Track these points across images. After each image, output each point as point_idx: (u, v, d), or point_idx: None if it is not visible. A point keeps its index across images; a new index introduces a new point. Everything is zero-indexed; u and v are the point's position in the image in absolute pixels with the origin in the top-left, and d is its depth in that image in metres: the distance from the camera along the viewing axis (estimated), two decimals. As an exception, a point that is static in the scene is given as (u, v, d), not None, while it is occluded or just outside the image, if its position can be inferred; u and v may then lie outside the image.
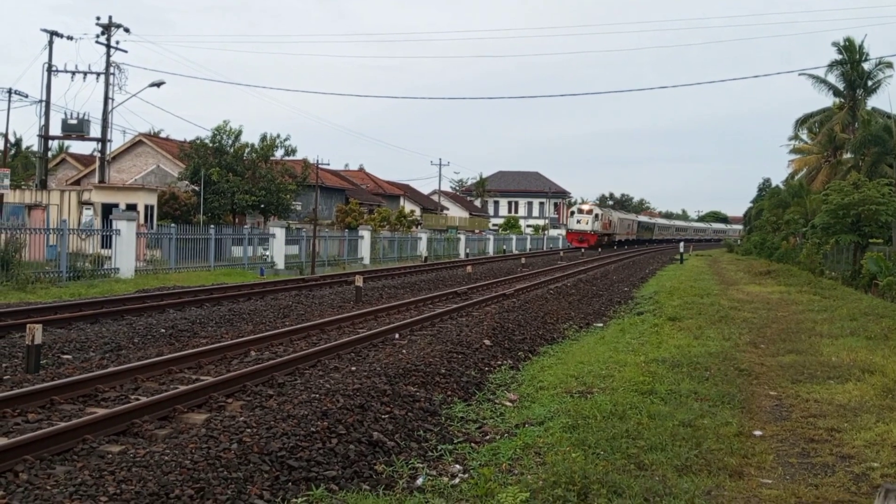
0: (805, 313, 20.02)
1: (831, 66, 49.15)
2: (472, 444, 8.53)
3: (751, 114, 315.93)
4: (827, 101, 53.68)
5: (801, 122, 56.98)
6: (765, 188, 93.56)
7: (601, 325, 18.85)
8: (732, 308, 21.04)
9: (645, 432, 8.31)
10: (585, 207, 76.08)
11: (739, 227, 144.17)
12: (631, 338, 15.65)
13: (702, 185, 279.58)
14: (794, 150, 62.11)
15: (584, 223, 73.35)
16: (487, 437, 8.85)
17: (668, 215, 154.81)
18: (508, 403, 10.46)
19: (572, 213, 78.07)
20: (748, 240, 71.70)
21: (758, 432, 8.74)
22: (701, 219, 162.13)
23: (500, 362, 13.16)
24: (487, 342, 14.31)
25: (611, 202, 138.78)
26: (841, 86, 50.75)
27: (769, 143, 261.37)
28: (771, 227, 56.48)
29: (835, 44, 49.16)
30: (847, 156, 49.41)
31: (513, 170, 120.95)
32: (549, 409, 9.64)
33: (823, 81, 50.63)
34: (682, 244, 59.50)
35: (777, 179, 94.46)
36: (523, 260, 42.72)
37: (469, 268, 33.05)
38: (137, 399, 8.97)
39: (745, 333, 16.14)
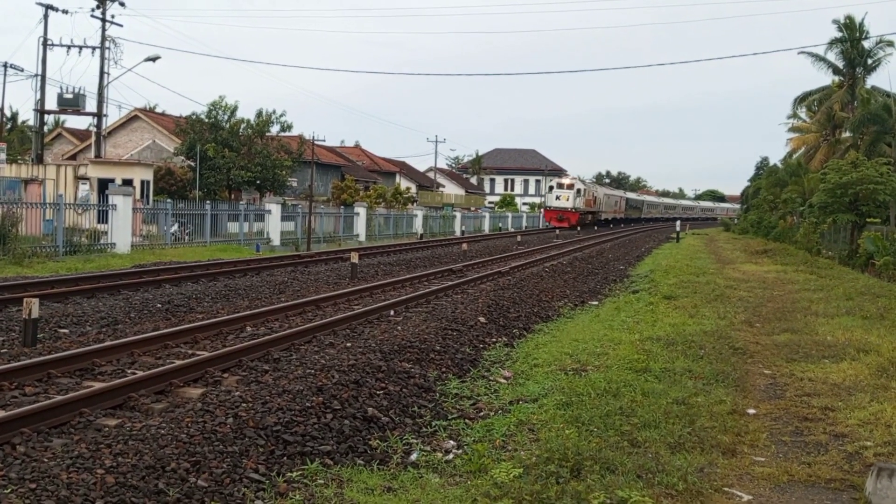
0: (801, 292, 20.08)
1: (831, 43, 48.93)
2: (467, 421, 8.58)
3: (749, 92, 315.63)
4: (826, 79, 53.54)
5: (800, 100, 56.78)
6: (763, 167, 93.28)
7: (596, 303, 18.90)
8: (728, 287, 21.09)
9: (639, 410, 8.36)
10: (566, 181, 67.04)
11: (728, 205, 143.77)
12: (626, 316, 15.69)
13: (699, 164, 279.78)
14: (793, 129, 62.04)
15: (564, 199, 64.43)
16: (481, 414, 8.90)
17: (665, 194, 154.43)
18: (503, 380, 10.51)
19: (550, 187, 67.96)
20: (745, 218, 71.70)
21: (751, 410, 8.79)
22: (698, 197, 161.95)
23: (494, 339, 13.20)
24: (482, 319, 14.34)
25: (607, 180, 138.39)
26: (840, 64, 50.54)
27: (768, 122, 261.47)
28: (768, 205, 56.49)
29: (835, 21, 48.92)
30: (846, 134, 49.38)
31: (509, 147, 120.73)
32: (544, 387, 9.69)
33: (823, 59, 50.46)
34: (678, 223, 59.37)
35: (775, 158, 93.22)
36: (519, 238, 42.74)
37: (465, 245, 33.06)
38: (134, 373, 9.01)
39: (740, 312, 16.19)
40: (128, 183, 32.14)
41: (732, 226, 77.83)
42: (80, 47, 39.78)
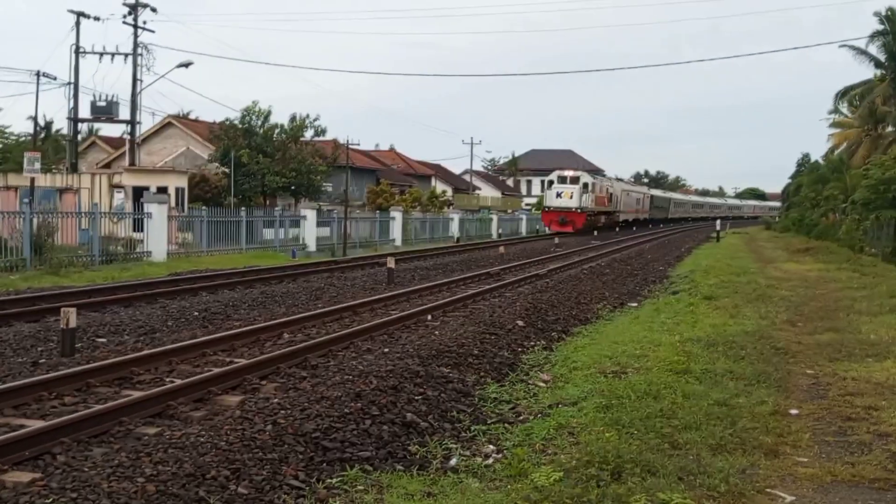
0: (844, 291, 19.75)
1: (872, 36, 47.83)
2: (506, 425, 8.51)
3: (790, 87, 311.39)
4: (868, 73, 52.41)
5: (841, 95, 55.78)
6: (804, 164, 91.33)
7: (635, 304, 18.72)
8: (769, 286, 20.80)
9: (679, 412, 8.24)
10: (568, 173, 55.47)
11: (755, 202, 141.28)
12: (666, 317, 15.52)
13: (740, 162, 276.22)
14: (834, 124, 61.16)
15: (567, 197, 52.76)
16: (521, 418, 8.83)
17: (705, 193, 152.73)
18: (542, 384, 10.43)
19: (550, 182, 55.80)
20: (786, 216, 70.76)
21: (794, 411, 8.63)
22: (738, 196, 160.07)
23: (533, 343, 13.10)
24: (520, 323, 14.26)
25: (645, 180, 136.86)
26: (882, 57, 49.41)
27: (808, 118, 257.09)
28: (810, 203, 55.70)
29: (876, 13, 47.74)
30: (889, 129, 48.50)
31: (545, 148, 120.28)
32: (583, 390, 9.59)
33: (864, 53, 49.46)
34: (718, 222, 58.61)
35: (816, 154, 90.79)
36: (556, 240, 42.54)
37: (502, 248, 32.97)
38: (172, 381, 9.06)
39: (782, 312, 15.94)
40: (162, 191, 32.49)
41: (773, 224, 76.73)
42: (113, 54, 40.15)
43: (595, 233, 53.78)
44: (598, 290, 20.45)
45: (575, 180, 54.71)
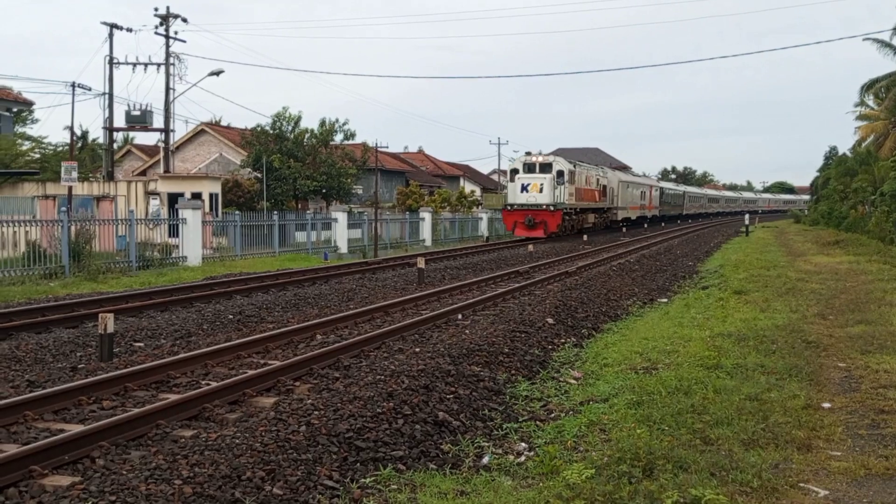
0: (875, 283, 19.52)
1: (896, 29, 47.39)
2: (537, 423, 8.55)
3: (815, 81, 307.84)
4: (893, 65, 51.95)
5: (867, 87, 55.11)
6: (831, 157, 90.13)
7: (665, 300, 18.66)
8: (800, 279, 20.62)
9: (711, 407, 8.24)
10: (537, 159, 42.46)
11: (769, 195, 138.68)
12: (696, 312, 15.47)
13: (767, 156, 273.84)
14: (861, 117, 60.32)
15: (535, 190, 40.91)
16: (552, 415, 8.87)
17: (732, 187, 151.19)
18: (573, 381, 10.46)
19: (513, 172, 43.06)
20: (815, 209, 69.89)
21: (826, 404, 8.58)
22: (766, 190, 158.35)
23: (563, 340, 13.13)
24: (550, 320, 14.28)
25: (673, 176, 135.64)
26: (906, 49, 48.94)
27: (835, 111, 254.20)
28: (838, 195, 55.06)
29: (898, 7, 47.33)
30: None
31: (572, 147, 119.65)
32: (614, 386, 9.61)
33: (888, 45, 48.87)
34: (746, 216, 57.87)
35: (844, 147, 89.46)
36: (585, 237, 42.40)
37: (530, 246, 32.96)
38: (208, 384, 9.19)
39: (812, 305, 15.81)
40: (197, 196, 32.84)
41: (802, 217, 75.77)
42: (146, 64, 40.73)
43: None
44: (628, 286, 20.40)
45: (546, 167, 41.57)
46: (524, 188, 41.20)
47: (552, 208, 40.57)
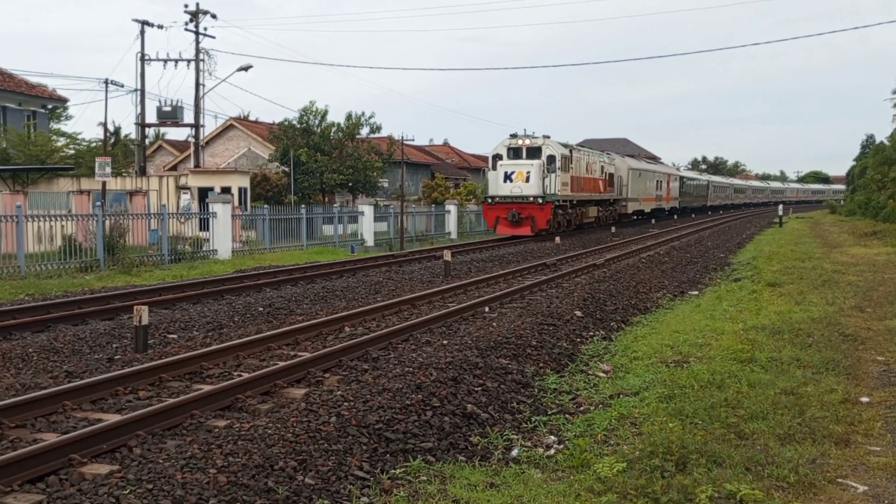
0: (913, 275, 19.24)
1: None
2: (567, 416, 8.52)
3: (852, 67, 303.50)
4: (934, 50, 50.90)
5: (907, 73, 54.11)
6: (868, 145, 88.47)
7: (696, 292, 18.51)
8: (836, 271, 20.36)
9: (745, 401, 8.16)
10: (525, 142, 35.82)
11: (798, 185, 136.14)
12: (728, 305, 15.32)
13: (802, 145, 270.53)
14: (900, 104, 59.21)
15: (521, 179, 34.84)
16: (581, 409, 8.83)
17: (766, 177, 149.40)
18: (602, 374, 10.41)
19: (495, 157, 36.22)
20: (851, 199, 68.83)
21: (865, 399, 8.47)
22: (800, 179, 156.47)
23: (592, 333, 13.07)
24: (578, 313, 14.22)
25: (703, 166, 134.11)
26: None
27: (873, 98, 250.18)
28: (876, 185, 54.15)
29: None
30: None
31: (599, 137, 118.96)
32: (644, 380, 9.55)
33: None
34: (780, 207, 56.95)
35: (882, 135, 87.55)
36: (613, 229, 42.15)
37: (558, 239, 32.81)
38: (240, 375, 9.25)
39: (849, 297, 15.60)
40: (226, 191, 33.10)
41: (838, 208, 74.51)
42: (176, 61, 41.09)
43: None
44: (658, 278, 20.26)
45: (534, 152, 35.21)
46: (507, 177, 34.98)
47: (541, 200, 34.31)
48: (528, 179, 34.59)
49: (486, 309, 14.39)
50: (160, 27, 41.20)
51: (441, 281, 19.44)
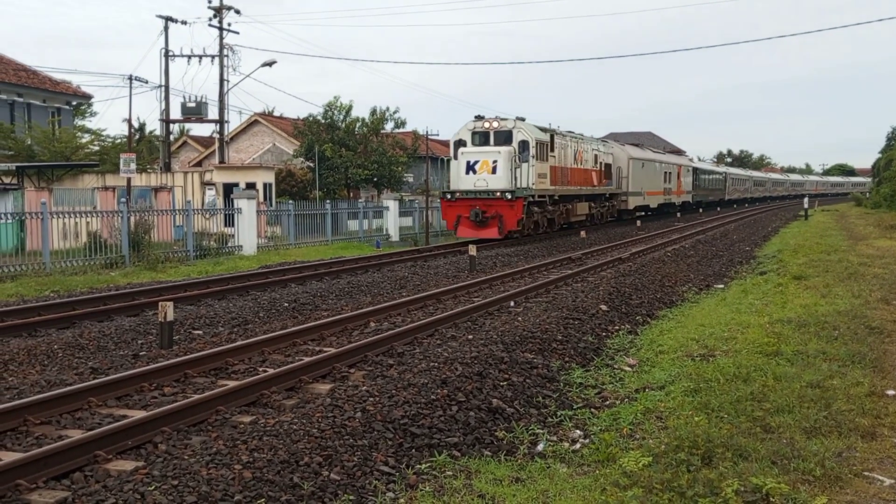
0: (942, 267, 18.98)
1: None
2: (592, 410, 8.51)
3: (880, 59, 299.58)
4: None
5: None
6: (894, 137, 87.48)
7: (722, 286, 18.40)
8: (862, 264, 20.13)
9: (771, 394, 8.10)
10: (492, 125, 30.27)
11: (816, 178, 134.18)
12: (754, 298, 15.22)
13: (828, 138, 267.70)
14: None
15: (486, 169, 29.28)
16: (607, 403, 8.81)
17: (791, 170, 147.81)
18: (627, 368, 10.37)
19: (458, 144, 30.58)
20: (877, 192, 67.95)
21: (891, 392, 8.38)
22: (826, 172, 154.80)
23: (617, 327, 13.03)
24: (604, 307, 14.17)
25: (729, 159, 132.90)
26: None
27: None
28: (902, 177, 53.48)
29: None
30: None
31: (624, 131, 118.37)
32: (670, 373, 9.52)
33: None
34: (805, 199, 56.19)
35: None
36: (639, 223, 41.94)
37: (583, 233, 32.73)
38: (265, 371, 9.31)
39: (875, 290, 15.43)
40: (251, 186, 33.27)
41: (864, 200, 73.49)
42: (200, 56, 41.25)
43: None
44: (683, 272, 20.15)
45: (503, 137, 29.57)
46: (470, 168, 29.14)
47: (510, 196, 28.40)
48: (494, 170, 28.91)
49: (512, 303, 14.38)
50: (184, 23, 41.39)
51: (466, 276, 19.44)
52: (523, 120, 30.42)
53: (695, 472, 6.04)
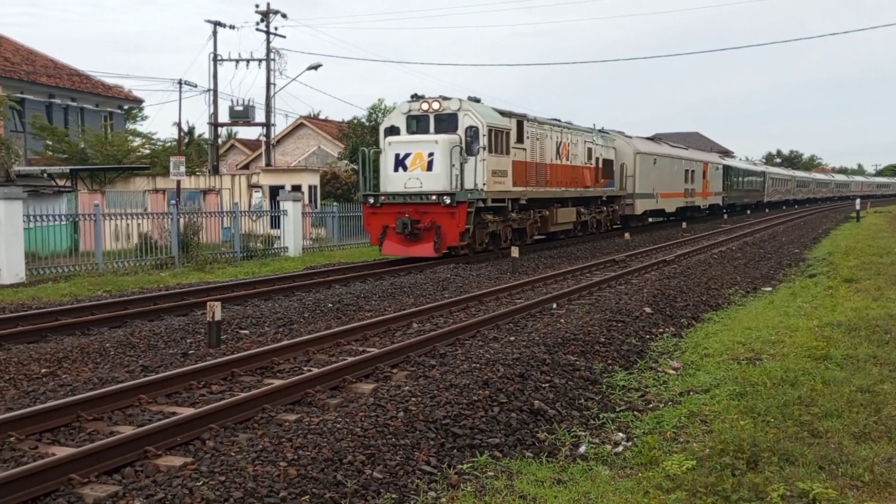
0: None
1: None
2: (635, 413, 8.46)
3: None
4: None
5: None
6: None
7: (770, 289, 18.14)
8: (915, 267, 19.72)
9: (818, 399, 7.99)
10: (431, 106, 22.76)
11: (862, 178, 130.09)
12: (802, 301, 14.99)
13: (881, 137, 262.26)
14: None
15: (420, 165, 21.86)
16: (650, 406, 8.75)
17: (842, 171, 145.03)
18: (671, 371, 10.29)
19: (390, 130, 23.40)
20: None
21: (944, 398, 8.22)
22: (879, 173, 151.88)
23: (661, 330, 12.92)
24: (648, 310, 14.07)
25: (778, 160, 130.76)
26: None
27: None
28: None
29: None
30: None
31: (670, 131, 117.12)
32: (715, 377, 9.42)
33: None
34: (857, 201, 54.70)
35: None
36: (684, 224, 41.50)
37: (627, 235, 32.48)
38: (310, 370, 9.41)
39: (929, 294, 15.11)
40: (296, 189, 33.59)
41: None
42: (248, 60, 41.82)
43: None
44: (730, 274, 19.90)
45: (446, 123, 22.79)
46: (399, 163, 22.23)
47: (448, 200, 21.36)
48: (430, 166, 21.93)
49: (554, 305, 14.34)
50: (232, 27, 42.01)
51: (508, 277, 19.41)
52: (477, 101, 23.75)
53: (740, 477, 5.99)
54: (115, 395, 8.04)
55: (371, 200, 22.46)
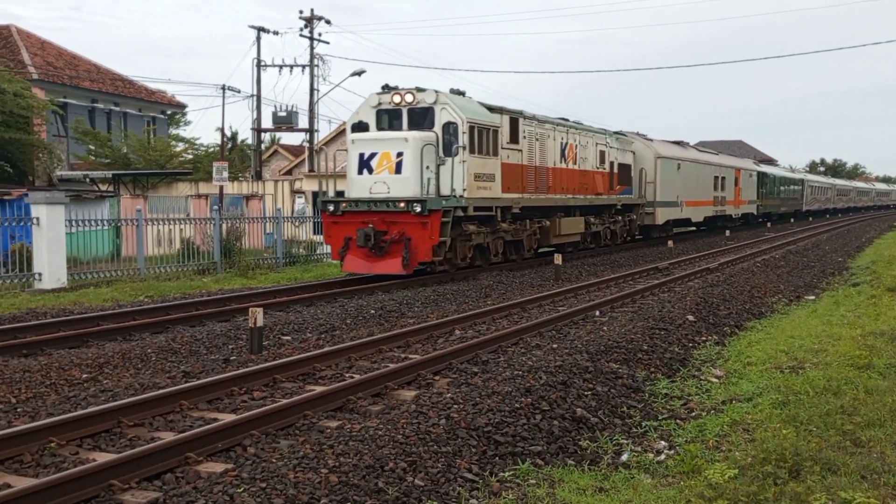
0: None
1: None
2: (677, 421, 8.43)
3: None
4: None
5: None
6: None
7: (813, 297, 17.92)
8: (963, 276, 19.33)
9: (862, 408, 7.91)
10: (403, 98, 19.90)
11: (889, 186, 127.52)
12: (846, 310, 14.79)
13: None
14: None
15: (387, 167, 18.99)
16: (693, 414, 8.71)
17: (886, 180, 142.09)
18: (714, 380, 10.23)
19: (357, 126, 20.70)
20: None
21: None
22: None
23: (704, 338, 12.84)
24: (691, 318, 13.98)
25: (821, 168, 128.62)
26: None
27: None
28: None
29: None
30: None
31: (714, 139, 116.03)
32: (758, 385, 9.35)
33: None
34: None
35: None
36: (728, 233, 41.05)
37: (670, 242, 32.25)
38: (352, 377, 9.46)
39: (978, 303, 14.83)
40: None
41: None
42: (291, 66, 42.21)
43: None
44: (773, 282, 19.70)
45: (420, 118, 20.05)
46: (365, 164, 19.55)
47: (420, 208, 18.66)
48: (398, 168, 19.16)
49: (597, 313, 14.31)
50: (275, 33, 42.71)
51: (551, 285, 19.38)
52: (461, 94, 21.15)
53: (782, 486, 5.96)
54: (156, 401, 8.09)
55: (331, 208, 19.73)
